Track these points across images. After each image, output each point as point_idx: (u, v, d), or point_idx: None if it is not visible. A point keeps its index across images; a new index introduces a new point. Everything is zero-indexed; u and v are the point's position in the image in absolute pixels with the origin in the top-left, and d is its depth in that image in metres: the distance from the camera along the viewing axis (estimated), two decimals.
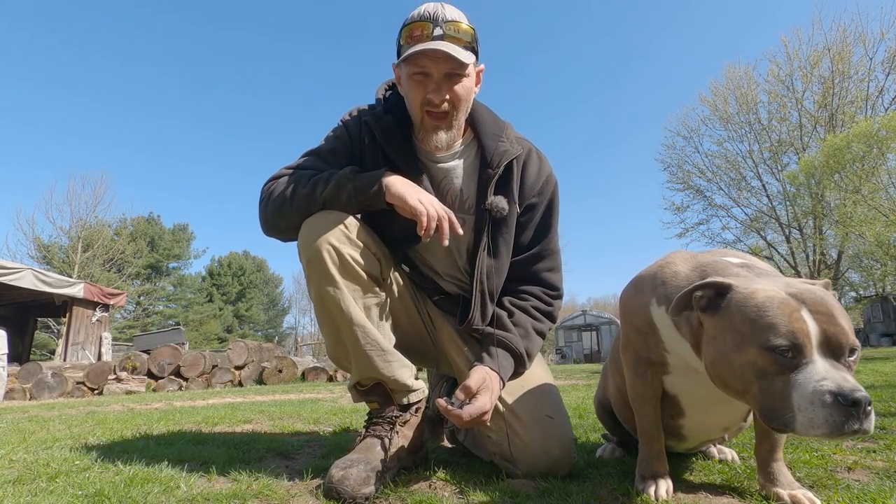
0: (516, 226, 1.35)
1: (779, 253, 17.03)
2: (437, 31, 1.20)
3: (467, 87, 1.28)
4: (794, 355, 0.77)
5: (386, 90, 1.44)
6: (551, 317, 1.38)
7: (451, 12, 1.24)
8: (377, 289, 1.28)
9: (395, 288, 1.38)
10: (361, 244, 1.24)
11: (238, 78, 55.93)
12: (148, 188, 50.10)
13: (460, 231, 1.22)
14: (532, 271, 1.38)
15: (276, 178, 1.32)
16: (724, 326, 0.85)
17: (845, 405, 0.71)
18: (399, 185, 1.23)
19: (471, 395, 1.12)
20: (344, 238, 1.21)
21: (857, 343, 0.79)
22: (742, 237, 17.76)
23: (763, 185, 17.30)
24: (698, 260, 1.06)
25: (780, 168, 16.78)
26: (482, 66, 1.36)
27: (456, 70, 1.23)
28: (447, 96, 1.25)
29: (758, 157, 17.19)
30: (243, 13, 54.49)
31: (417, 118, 1.31)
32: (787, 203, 16.00)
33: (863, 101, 15.20)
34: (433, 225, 1.17)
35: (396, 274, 1.39)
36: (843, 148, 11.55)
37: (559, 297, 1.40)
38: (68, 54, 43.37)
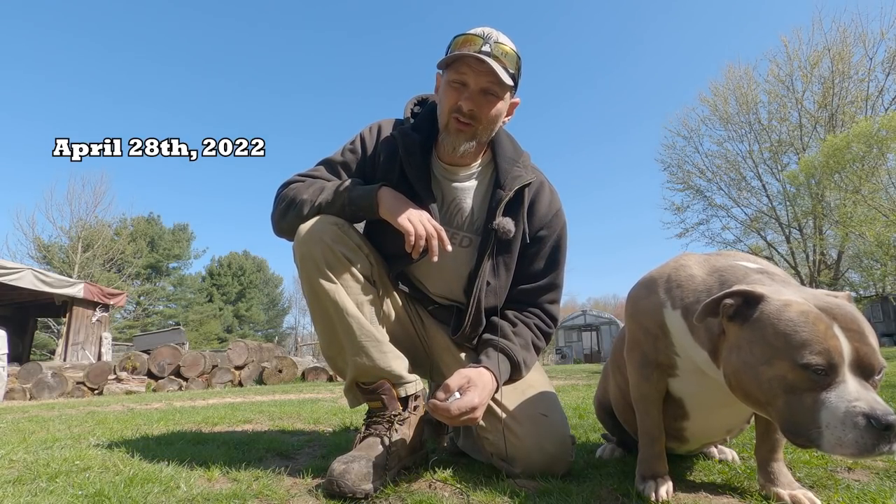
0: (526, 256, 1.40)
1: (779, 253, 17.02)
2: (486, 48, 1.24)
3: (498, 110, 1.32)
4: (827, 373, 0.76)
5: (414, 105, 1.49)
6: (548, 338, 1.44)
7: (503, 38, 1.28)
8: (369, 287, 1.31)
9: (386, 296, 1.41)
10: (354, 244, 1.29)
11: (239, 76, 56.02)
12: (148, 188, 50.13)
13: (449, 248, 1.26)
14: (538, 301, 1.43)
15: (288, 183, 1.40)
16: (752, 337, 0.83)
17: (878, 428, 0.70)
18: (390, 201, 1.28)
19: (450, 393, 1.13)
20: (337, 237, 1.26)
21: (885, 363, 0.79)
22: (742, 237, 17.77)
23: (763, 185, 17.31)
24: (713, 264, 1.04)
25: (780, 168, 16.77)
26: (517, 100, 1.40)
27: (493, 86, 1.26)
28: (476, 109, 1.28)
29: (758, 157, 17.19)
30: (246, 7, 54.56)
31: (443, 121, 1.34)
32: (787, 203, 15.99)
33: (863, 101, 15.19)
34: (421, 243, 1.22)
35: (388, 283, 1.42)
36: (843, 148, 11.56)
37: (556, 325, 1.47)
38: (68, 50, 43.41)
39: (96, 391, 6.67)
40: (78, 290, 9.20)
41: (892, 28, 14.39)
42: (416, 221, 1.23)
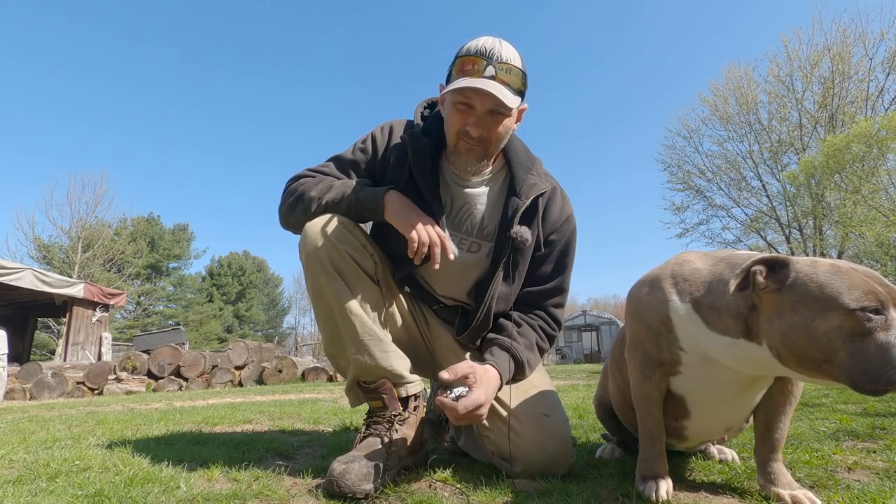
0: (535, 259, 1.40)
1: (779, 253, 16.99)
2: (489, 71, 1.21)
3: (507, 126, 1.30)
4: (880, 313, 0.79)
5: (424, 108, 1.48)
6: (552, 340, 1.43)
7: (507, 52, 1.24)
8: (373, 286, 1.32)
9: (390, 295, 1.41)
10: (359, 244, 1.29)
11: (240, 76, 55.98)
12: (148, 188, 50.14)
13: (451, 256, 1.25)
14: (543, 304, 1.43)
15: (297, 177, 1.40)
16: (795, 298, 0.85)
17: None
18: (396, 205, 1.28)
19: (457, 376, 1.12)
20: (343, 236, 1.26)
21: None
22: (742, 237, 17.76)
23: (763, 186, 17.29)
24: (714, 256, 1.06)
25: (780, 168, 16.76)
26: (525, 106, 1.38)
27: (499, 109, 1.25)
28: (485, 132, 1.27)
29: (758, 158, 17.18)
30: (248, 5, 54.51)
31: (452, 142, 1.33)
32: (787, 203, 15.98)
33: (863, 101, 15.17)
34: (423, 250, 1.21)
35: (392, 282, 1.42)
36: (843, 148, 11.54)
37: (560, 328, 1.46)
38: (68, 47, 43.36)
39: (96, 391, 6.66)
40: (78, 290, 9.19)
41: (892, 28, 14.37)
42: (419, 228, 1.23)
